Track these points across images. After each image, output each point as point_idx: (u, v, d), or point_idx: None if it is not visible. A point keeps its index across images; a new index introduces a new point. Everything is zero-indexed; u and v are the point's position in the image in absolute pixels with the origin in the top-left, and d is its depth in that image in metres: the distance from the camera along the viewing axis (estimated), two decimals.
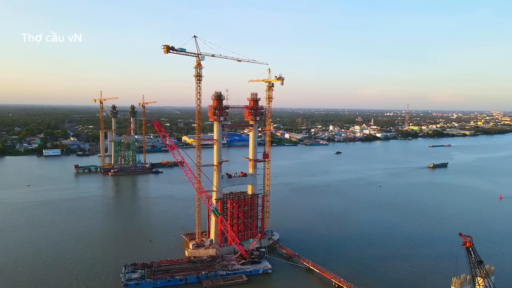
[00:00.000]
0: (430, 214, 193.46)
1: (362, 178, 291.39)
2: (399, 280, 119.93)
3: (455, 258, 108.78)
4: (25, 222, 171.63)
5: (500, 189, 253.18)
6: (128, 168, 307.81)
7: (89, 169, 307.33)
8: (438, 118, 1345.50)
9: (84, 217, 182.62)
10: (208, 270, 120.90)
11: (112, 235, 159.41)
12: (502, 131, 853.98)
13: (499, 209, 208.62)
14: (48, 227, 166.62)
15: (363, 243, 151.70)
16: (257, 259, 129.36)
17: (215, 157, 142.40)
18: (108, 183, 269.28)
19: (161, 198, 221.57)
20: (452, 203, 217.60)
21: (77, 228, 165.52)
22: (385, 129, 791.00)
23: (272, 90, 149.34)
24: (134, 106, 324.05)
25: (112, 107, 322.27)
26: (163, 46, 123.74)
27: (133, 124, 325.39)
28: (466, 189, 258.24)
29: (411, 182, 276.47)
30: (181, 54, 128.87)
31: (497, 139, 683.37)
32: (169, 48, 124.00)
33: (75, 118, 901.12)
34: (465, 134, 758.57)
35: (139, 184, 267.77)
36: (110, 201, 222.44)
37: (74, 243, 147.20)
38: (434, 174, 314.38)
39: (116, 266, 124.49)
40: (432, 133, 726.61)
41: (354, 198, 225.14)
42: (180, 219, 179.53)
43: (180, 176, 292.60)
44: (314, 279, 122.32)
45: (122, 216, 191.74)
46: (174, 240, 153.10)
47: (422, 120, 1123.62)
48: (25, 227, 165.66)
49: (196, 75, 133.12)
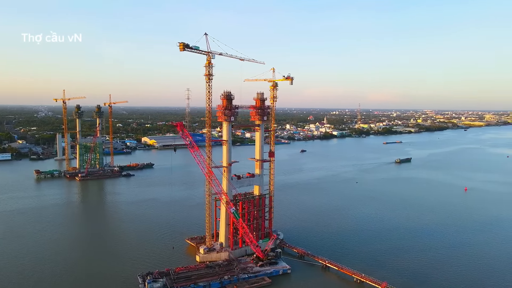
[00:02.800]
0: (413, 207, 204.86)
1: (336, 175, 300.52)
2: (414, 271, 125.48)
3: None
4: (6, 234, 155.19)
5: (462, 182, 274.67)
6: (96, 172, 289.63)
7: (51, 174, 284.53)
8: (381, 116, 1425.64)
9: (68, 226, 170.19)
10: (230, 274, 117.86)
11: (109, 245, 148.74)
12: (441, 128, 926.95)
13: (468, 199, 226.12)
14: (33, 237, 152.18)
15: (366, 238, 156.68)
16: (274, 260, 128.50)
17: (225, 158, 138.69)
18: (79, 188, 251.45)
19: (145, 202, 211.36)
20: (428, 196, 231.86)
21: (66, 238, 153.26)
22: (338, 127, 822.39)
23: (276, 90, 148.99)
24: (100, 106, 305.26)
25: (76, 107, 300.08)
26: (179, 44, 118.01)
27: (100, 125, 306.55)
28: (434, 182, 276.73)
29: (383, 178, 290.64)
30: (194, 51, 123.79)
31: (439, 136, 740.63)
32: (184, 46, 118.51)
33: (10, 119, 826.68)
34: (411, 131, 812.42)
35: (113, 188, 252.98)
36: (90, 207, 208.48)
37: (73, 256, 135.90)
38: (401, 169, 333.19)
39: (126, 277, 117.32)
40: (382, 130, 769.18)
41: (338, 195, 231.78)
42: (175, 222, 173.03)
43: (156, 178, 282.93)
44: (332, 277, 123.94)
45: (111, 223, 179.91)
46: (176, 245, 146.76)
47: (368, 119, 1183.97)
48: (8, 239, 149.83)
49: (207, 74, 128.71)
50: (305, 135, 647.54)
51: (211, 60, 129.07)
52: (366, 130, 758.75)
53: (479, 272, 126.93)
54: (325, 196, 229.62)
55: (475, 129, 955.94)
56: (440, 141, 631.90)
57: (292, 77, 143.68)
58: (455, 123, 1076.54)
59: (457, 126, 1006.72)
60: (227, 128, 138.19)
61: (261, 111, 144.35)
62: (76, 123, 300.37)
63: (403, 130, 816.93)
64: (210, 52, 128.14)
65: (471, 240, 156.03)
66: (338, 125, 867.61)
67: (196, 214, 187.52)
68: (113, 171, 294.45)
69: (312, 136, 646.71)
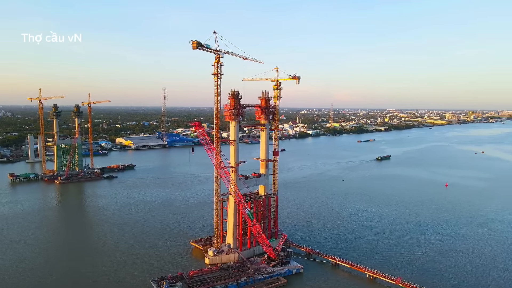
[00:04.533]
0: (404, 203, 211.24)
1: (321, 173, 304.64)
2: (421, 265, 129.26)
3: None
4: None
5: (441, 178, 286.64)
6: (76, 175, 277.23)
7: (27, 177, 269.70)
8: (349, 115, 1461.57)
9: (61, 232, 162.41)
10: (246, 276, 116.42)
11: (110, 250, 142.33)
12: (408, 127, 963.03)
13: (451, 195, 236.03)
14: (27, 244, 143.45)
15: (367, 235, 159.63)
16: (285, 260, 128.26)
17: (232, 158, 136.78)
18: (61, 192, 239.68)
19: (137, 204, 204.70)
20: (414, 192, 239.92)
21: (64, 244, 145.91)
22: (311, 126, 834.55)
23: (280, 89, 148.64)
24: (79, 106, 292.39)
25: (53, 107, 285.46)
26: (192, 42, 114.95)
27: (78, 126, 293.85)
28: (416, 179, 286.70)
29: (368, 175, 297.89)
30: (205, 50, 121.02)
31: (407, 134, 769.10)
32: (197, 44, 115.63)
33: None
34: (381, 129, 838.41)
35: (98, 191, 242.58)
36: (80, 211, 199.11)
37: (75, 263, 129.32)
38: (382, 167, 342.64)
39: (137, 283, 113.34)
40: (354, 129, 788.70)
41: (329, 193, 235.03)
42: (174, 225, 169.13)
43: (141, 180, 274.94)
44: (344, 274, 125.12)
45: (106, 227, 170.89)
46: (180, 247, 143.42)
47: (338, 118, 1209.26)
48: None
49: (216, 73, 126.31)
50: (281, 134, 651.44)
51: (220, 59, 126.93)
52: (339, 129, 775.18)
53: (482, 263, 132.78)
54: (317, 194, 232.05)
55: (439, 127, 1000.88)
56: (410, 139, 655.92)
57: (299, 76, 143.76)
58: (420, 121, 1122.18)
59: (422, 125, 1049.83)
60: (235, 128, 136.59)
61: (266, 111, 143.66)
62: (54, 124, 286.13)
63: (373, 128, 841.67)
64: (219, 51, 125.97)
65: (467, 233, 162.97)
66: (310, 124, 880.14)
67: (194, 216, 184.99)
68: (95, 174, 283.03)
69: (288, 135, 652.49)
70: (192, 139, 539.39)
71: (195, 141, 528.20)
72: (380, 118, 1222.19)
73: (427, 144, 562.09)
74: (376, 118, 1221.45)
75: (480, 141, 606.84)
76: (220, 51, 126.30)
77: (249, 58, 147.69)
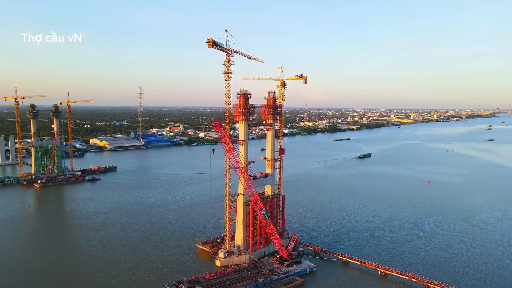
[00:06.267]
0: (394, 200, 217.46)
1: (307, 172, 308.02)
2: (426, 259, 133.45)
3: None
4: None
5: (422, 175, 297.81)
6: (56, 178, 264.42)
7: (3, 181, 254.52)
8: (319, 115, 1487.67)
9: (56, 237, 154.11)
10: (263, 277, 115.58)
11: (113, 255, 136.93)
12: (378, 125, 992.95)
13: (435, 191, 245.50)
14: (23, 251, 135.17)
15: (367, 232, 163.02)
16: (298, 259, 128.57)
17: (242, 159, 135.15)
18: (43, 196, 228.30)
19: (130, 207, 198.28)
20: (401, 189, 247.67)
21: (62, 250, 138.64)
22: (285, 125, 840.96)
23: (285, 89, 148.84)
24: (57, 106, 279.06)
25: (30, 107, 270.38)
26: (208, 40, 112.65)
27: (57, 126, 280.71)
28: (399, 176, 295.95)
29: (353, 173, 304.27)
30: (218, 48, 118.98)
31: (379, 132, 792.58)
32: (213, 43, 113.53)
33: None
34: (353, 128, 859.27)
35: (84, 194, 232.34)
36: (70, 216, 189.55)
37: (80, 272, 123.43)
38: (364, 165, 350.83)
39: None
40: (328, 128, 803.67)
41: (321, 192, 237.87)
42: (174, 227, 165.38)
43: (126, 182, 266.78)
44: (355, 271, 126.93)
45: (103, 231, 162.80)
46: (185, 250, 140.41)
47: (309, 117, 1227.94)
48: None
49: (227, 72, 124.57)
50: (258, 133, 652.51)
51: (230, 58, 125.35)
52: (314, 128, 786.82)
53: (482, 255, 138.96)
54: (309, 193, 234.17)
55: (407, 126, 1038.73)
56: (382, 137, 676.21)
57: (306, 76, 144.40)
58: (388, 120, 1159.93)
59: (391, 124, 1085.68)
60: (244, 128, 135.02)
61: (273, 110, 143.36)
62: (31, 124, 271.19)
63: (346, 127, 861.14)
64: (229, 49, 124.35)
65: (461, 228, 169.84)
66: (284, 124, 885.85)
67: (193, 217, 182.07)
68: (76, 176, 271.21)
69: (265, 135, 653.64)
70: (169, 139, 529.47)
71: (173, 142, 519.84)
72: (350, 118, 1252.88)
73: (400, 142, 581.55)
74: (346, 117, 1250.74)
75: (447, 139, 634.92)
76: (230, 50, 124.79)
77: (252, 58, 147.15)
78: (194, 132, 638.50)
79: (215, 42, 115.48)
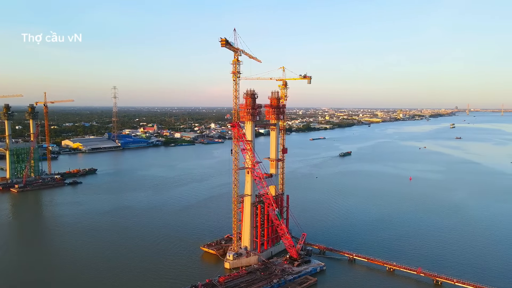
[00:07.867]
0: (381, 196, 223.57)
1: (293, 171, 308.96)
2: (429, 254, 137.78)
3: None
4: None
5: (403, 172, 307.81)
6: (34, 182, 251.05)
7: None
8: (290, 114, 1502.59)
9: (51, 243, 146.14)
10: (278, 277, 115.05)
11: (116, 262, 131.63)
12: (349, 124, 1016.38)
13: (418, 187, 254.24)
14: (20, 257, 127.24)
15: (367, 229, 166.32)
16: (307, 259, 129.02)
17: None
18: (23, 202, 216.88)
19: (120, 210, 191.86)
20: (385, 186, 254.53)
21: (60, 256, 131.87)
22: None
23: (287, 89, 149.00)
24: (33, 106, 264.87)
25: (5, 107, 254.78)
26: (221, 39, 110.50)
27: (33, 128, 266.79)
28: (381, 173, 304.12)
29: (337, 171, 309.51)
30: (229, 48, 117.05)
31: (352, 131, 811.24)
32: (226, 42, 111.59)
33: None
34: (326, 127, 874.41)
35: (67, 198, 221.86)
36: (55, 221, 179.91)
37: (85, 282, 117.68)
38: (346, 163, 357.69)
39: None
40: (303, 127, 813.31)
41: (310, 190, 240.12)
42: (172, 230, 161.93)
43: (110, 184, 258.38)
44: (363, 268, 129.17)
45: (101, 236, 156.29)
46: (190, 253, 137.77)
47: None
48: None
49: (235, 72, 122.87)
50: None
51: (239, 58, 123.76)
52: (289, 128, 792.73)
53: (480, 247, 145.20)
54: (300, 191, 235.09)
55: (377, 125, 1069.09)
56: (356, 136, 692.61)
57: (310, 76, 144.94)
58: (358, 120, 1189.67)
59: (361, 123, 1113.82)
60: (251, 128, 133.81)
61: (277, 110, 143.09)
62: (6, 126, 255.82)
63: (319, 126, 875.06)
64: (238, 49, 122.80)
65: (452, 222, 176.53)
66: None
67: (191, 219, 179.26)
68: (56, 180, 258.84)
69: None
70: (146, 140, 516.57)
71: (150, 143, 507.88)
72: (321, 117, 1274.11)
73: (373, 140, 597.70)
74: (317, 117, 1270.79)
75: (417, 137, 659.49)
76: (239, 50, 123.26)
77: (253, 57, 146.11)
78: (170, 133, 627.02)
79: (227, 42, 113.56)
